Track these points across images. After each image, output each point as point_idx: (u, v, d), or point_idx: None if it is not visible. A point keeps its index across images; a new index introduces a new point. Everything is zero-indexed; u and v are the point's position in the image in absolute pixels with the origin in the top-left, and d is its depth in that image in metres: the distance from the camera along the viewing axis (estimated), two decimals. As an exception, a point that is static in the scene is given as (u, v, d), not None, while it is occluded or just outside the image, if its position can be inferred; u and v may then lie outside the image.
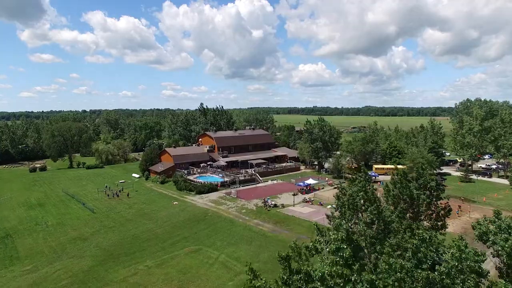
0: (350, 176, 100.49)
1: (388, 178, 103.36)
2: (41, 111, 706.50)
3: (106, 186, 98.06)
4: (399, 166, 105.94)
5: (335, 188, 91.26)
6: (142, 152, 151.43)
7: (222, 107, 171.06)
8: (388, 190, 41.63)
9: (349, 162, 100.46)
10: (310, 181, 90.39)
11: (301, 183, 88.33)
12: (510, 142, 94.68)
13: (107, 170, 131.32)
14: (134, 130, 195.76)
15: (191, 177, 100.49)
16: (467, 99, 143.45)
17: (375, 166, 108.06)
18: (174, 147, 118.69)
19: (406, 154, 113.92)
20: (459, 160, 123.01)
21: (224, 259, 52.20)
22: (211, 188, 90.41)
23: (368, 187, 35.75)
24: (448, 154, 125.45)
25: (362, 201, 35.27)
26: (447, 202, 41.79)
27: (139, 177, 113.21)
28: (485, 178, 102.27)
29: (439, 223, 42.01)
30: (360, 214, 36.22)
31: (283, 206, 75.96)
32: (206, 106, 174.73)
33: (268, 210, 73.74)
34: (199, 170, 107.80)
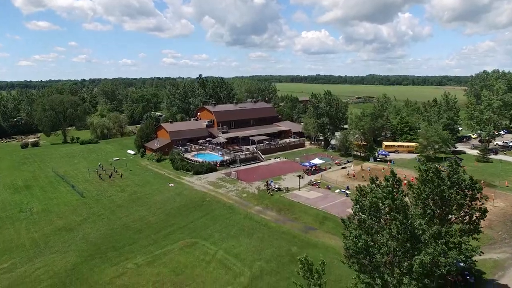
0: (359, 154, 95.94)
1: (399, 156, 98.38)
2: (39, 80, 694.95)
3: (100, 165, 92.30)
4: (411, 144, 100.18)
5: (343, 168, 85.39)
6: (139, 125, 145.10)
7: (222, 78, 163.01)
8: (419, 193, 35.07)
9: (357, 139, 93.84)
10: (317, 161, 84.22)
11: (307, 163, 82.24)
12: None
13: (102, 145, 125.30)
14: (131, 101, 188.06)
15: (188, 155, 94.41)
16: (484, 71, 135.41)
17: (385, 143, 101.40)
18: (171, 122, 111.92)
19: (419, 130, 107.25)
20: (473, 137, 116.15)
21: (222, 256, 46.86)
22: (210, 168, 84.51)
23: (397, 193, 29.39)
24: (460, 129, 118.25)
25: (387, 208, 29.03)
26: (483, 204, 35.50)
27: (134, 154, 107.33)
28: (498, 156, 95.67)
29: (471, 227, 35.98)
30: (382, 221, 30.19)
31: (287, 189, 70.18)
32: (205, 77, 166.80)
33: (271, 195, 68.02)
34: (197, 147, 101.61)
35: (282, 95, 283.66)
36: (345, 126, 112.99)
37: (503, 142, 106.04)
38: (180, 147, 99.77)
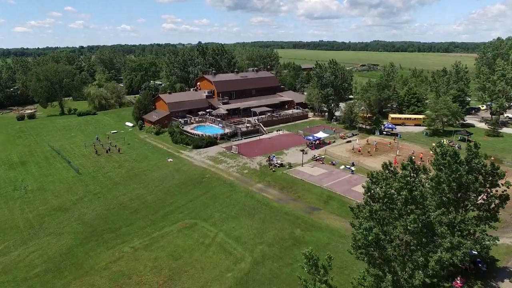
0: (364, 126, 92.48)
1: (405, 129, 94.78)
2: (36, 47, 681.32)
3: (97, 138, 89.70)
4: (419, 116, 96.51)
5: (348, 142, 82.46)
6: (138, 95, 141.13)
7: (223, 46, 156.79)
8: (438, 181, 32.18)
9: (363, 111, 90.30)
10: (320, 134, 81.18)
11: (310, 137, 79.27)
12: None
13: (99, 117, 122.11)
14: (130, 70, 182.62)
15: (188, 128, 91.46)
16: (498, 38, 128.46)
17: (391, 115, 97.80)
18: (169, 93, 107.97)
19: (426, 101, 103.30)
20: (482, 108, 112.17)
21: (223, 239, 44.98)
22: (210, 142, 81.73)
23: (415, 184, 26.59)
24: (469, 99, 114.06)
25: (403, 199, 26.32)
26: (505, 191, 32.76)
27: (132, 127, 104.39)
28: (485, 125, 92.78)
29: (489, 214, 33.49)
30: (396, 212, 27.58)
31: (290, 165, 67.66)
32: (206, 44, 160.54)
33: (273, 171, 65.62)
34: (197, 119, 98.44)
35: (284, 62, 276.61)
36: (351, 97, 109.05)
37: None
38: (180, 119, 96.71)
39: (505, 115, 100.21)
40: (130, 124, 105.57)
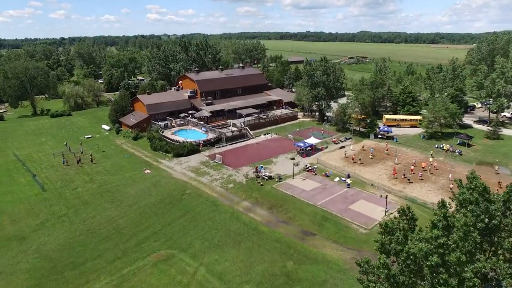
0: (357, 129, 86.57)
1: (401, 132, 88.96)
2: (14, 38, 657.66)
3: (66, 145, 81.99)
4: (416, 117, 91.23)
5: (341, 147, 76.61)
6: (117, 93, 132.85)
7: (207, 40, 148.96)
8: (467, 229, 26.02)
9: (356, 112, 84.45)
10: (312, 140, 75.19)
11: (301, 144, 73.16)
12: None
13: (74, 118, 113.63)
14: (109, 65, 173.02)
15: (168, 133, 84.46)
16: (494, 32, 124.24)
17: (386, 116, 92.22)
18: (148, 93, 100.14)
19: (421, 100, 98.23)
20: (477, 106, 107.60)
21: (203, 277, 38.68)
22: (192, 149, 74.88)
23: (449, 246, 20.65)
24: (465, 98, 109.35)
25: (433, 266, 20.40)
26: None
27: (109, 130, 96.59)
28: (484, 126, 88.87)
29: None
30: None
31: (280, 178, 61.50)
32: (192, 35, 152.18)
33: (261, 185, 59.41)
34: (178, 122, 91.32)
35: (271, 55, 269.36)
36: (345, 93, 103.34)
37: (510, 113, 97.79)
38: (159, 122, 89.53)
39: (502, 114, 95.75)
40: (107, 128, 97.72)
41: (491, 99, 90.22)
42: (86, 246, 45.09)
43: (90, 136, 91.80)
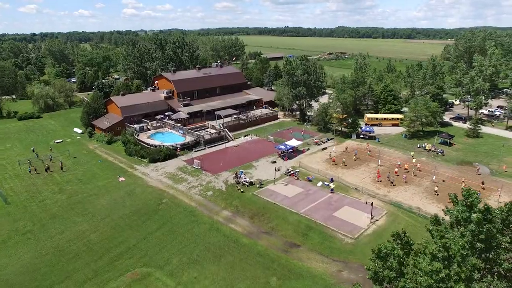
0: (339, 129, 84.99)
1: (383, 131, 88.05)
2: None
3: (33, 151, 77.20)
4: (398, 116, 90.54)
5: (323, 149, 74.86)
6: (91, 93, 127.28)
7: (184, 38, 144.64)
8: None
9: (338, 112, 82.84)
10: (293, 142, 73.14)
11: (282, 146, 70.94)
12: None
13: (44, 121, 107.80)
14: (82, 64, 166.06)
15: (143, 136, 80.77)
16: (470, 30, 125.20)
17: (368, 115, 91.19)
18: (123, 94, 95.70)
19: (400, 96, 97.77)
20: (455, 103, 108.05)
21: (182, 299, 36.02)
22: (169, 154, 71.59)
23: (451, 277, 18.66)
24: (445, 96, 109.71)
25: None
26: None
27: (81, 133, 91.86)
28: (460, 123, 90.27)
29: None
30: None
31: (261, 184, 59.14)
32: (169, 30, 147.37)
33: (242, 192, 56.93)
34: (154, 124, 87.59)
35: (250, 51, 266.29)
36: (326, 91, 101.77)
37: (488, 110, 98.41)
38: (135, 125, 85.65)
39: (480, 111, 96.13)
40: (79, 131, 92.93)
41: (469, 96, 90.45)
42: (53, 266, 41.56)
43: (61, 140, 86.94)
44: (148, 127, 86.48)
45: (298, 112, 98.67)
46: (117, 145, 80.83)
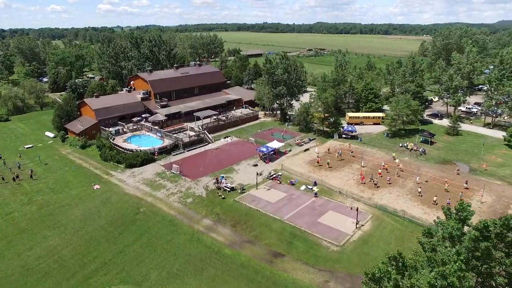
0: (321, 129, 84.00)
1: (365, 130, 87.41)
2: None
3: (0, 157, 72.88)
4: (379, 114, 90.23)
5: (305, 150, 73.58)
6: (64, 93, 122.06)
7: (160, 36, 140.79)
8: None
9: (320, 112, 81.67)
10: (275, 144, 71.56)
11: (264, 148, 69.22)
12: (510, 89, 79.35)
13: (13, 124, 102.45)
14: (54, 63, 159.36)
15: (119, 140, 77.57)
16: (447, 27, 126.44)
17: (349, 114, 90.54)
18: (97, 96, 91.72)
19: (383, 96, 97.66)
20: (434, 100, 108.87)
21: (161, 320, 33.89)
22: (146, 159, 68.78)
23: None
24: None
25: None
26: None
27: (54, 137, 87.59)
28: (437, 120, 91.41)
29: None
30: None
31: (242, 189, 57.30)
32: (147, 27, 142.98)
33: (223, 198, 54.96)
34: (130, 127, 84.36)
35: (229, 48, 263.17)
36: (308, 89, 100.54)
37: (466, 107, 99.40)
38: (110, 128, 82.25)
39: (458, 108, 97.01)
40: (51, 135, 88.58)
41: (448, 94, 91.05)
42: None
43: (31, 145, 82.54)
44: (124, 130, 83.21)
45: (279, 112, 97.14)
46: (92, 150, 77.35)
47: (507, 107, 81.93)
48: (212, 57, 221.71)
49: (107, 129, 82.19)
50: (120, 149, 72.87)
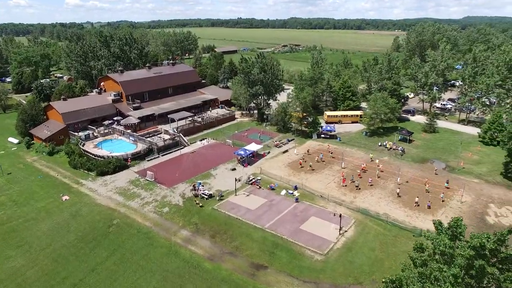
0: (300, 128, 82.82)
1: (344, 129, 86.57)
2: None
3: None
4: (357, 112, 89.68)
5: (284, 152, 72.00)
6: (30, 94, 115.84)
7: (131, 34, 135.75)
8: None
9: (298, 111, 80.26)
10: (253, 146, 69.59)
11: (242, 152, 67.13)
12: (482, 86, 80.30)
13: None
14: (18, 62, 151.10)
15: (90, 145, 73.73)
16: (420, 24, 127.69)
17: (327, 112, 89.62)
18: (64, 99, 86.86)
19: (359, 93, 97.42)
20: (410, 97, 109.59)
21: None
22: (119, 165, 65.40)
23: None
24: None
25: None
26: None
27: (18, 143, 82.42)
28: (410, 116, 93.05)
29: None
30: None
31: (221, 195, 55.10)
32: (118, 23, 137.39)
33: (201, 206, 52.66)
34: (101, 131, 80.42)
35: (204, 45, 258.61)
36: (285, 87, 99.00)
37: (441, 104, 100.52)
38: (79, 133, 78.11)
39: (433, 104, 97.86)
40: (15, 141, 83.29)
41: (423, 90, 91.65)
42: (-20, 316, 35.31)
43: (-7, 153, 77.36)
44: (95, 134, 79.19)
45: (256, 112, 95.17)
46: (60, 157, 73.07)
47: (480, 103, 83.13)
48: (186, 54, 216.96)
49: (76, 134, 78.01)
50: (91, 155, 69.09)
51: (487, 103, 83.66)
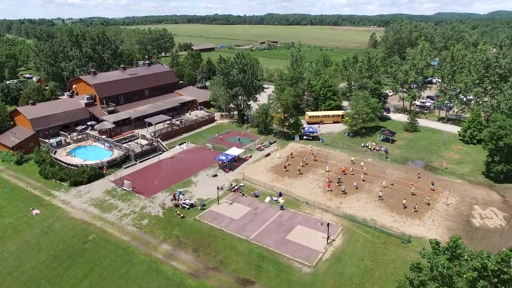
0: (281, 130, 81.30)
1: (326, 129, 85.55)
2: None
3: None
4: (339, 112, 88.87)
5: (267, 155, 70.23)
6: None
7: (104, 32, 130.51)
8: None
9: (279, 113, 78.62)
10: (234, 151, 67.52)
11: (223, 157, 64.96)
12: (461, 84, 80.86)
13: None
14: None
15: (62, 153, 69.81)
16: (398, 21, 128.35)
17: (309, 113, 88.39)
18: (33, 103, 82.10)
19: (340, 92, 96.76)
20: (389, 94, 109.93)
21: None
22: (94, 174, 62.03)
23: None
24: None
25: None
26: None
27: (-17, 153, 77.41)
28: (388, 114, 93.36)
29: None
30: None
31: (203, 205, 52.83)
32: (90, 20, 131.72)
33: (182, 217, 50.29)
34: (74, 138, 76.48)
35: (180, 42, 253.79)
36: (265, 86, 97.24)
37: (420, 101, 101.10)
38: (50, 140, 73.98)
39: (413, 102, 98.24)
40: (-20, 149, 78.22)
41: (403, 88, 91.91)
42: None
43: (-45, 164, 72.19)
44: (68, 141, 75.18)
45: (236, 113, 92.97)
46: (30, 166, 68.85)
47: (459, 101, 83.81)
48: (162, 53, 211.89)
49: (47, 140, 73.80)
50: (63, 164, 65.31)
51: (465, 100, 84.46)
